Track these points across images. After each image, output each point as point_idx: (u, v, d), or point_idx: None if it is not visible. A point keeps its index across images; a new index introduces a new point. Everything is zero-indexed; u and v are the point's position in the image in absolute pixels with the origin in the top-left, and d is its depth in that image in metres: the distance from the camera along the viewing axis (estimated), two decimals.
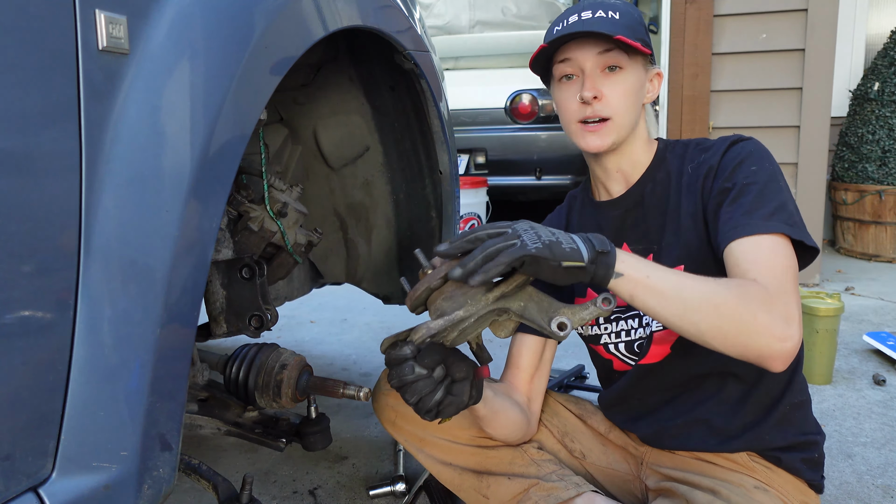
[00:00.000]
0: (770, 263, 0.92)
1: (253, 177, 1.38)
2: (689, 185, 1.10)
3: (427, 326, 0.87)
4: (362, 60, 1.46)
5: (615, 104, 1.07)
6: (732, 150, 1.06)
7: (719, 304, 0.86)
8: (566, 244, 0.83)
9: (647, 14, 9.62)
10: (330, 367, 2.43)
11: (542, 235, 0.83)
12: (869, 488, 1.54)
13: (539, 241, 0.81)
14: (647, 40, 1.08)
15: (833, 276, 3.59)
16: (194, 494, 1.56)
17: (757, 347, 0.86)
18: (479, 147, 4.32)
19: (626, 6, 1.09)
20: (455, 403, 0.92)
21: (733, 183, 1.02)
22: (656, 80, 1.14)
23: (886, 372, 2.22)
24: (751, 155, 1.04)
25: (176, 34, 0.75)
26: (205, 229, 0.78)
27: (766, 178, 1.01)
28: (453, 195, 1.60)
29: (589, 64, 1.07)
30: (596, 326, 1.19)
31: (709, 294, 0.87)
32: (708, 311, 0.86)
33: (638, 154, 1.15)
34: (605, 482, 1.26)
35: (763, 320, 0.85)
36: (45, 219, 0.65)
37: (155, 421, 0.75)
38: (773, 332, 0.85)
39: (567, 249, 0.82)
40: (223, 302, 1.24)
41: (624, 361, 1.20)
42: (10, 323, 0.63)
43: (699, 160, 1.10)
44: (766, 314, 0.86)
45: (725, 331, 0.86)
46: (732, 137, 1.09)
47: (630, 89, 1.08)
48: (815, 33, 3.16)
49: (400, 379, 0.89)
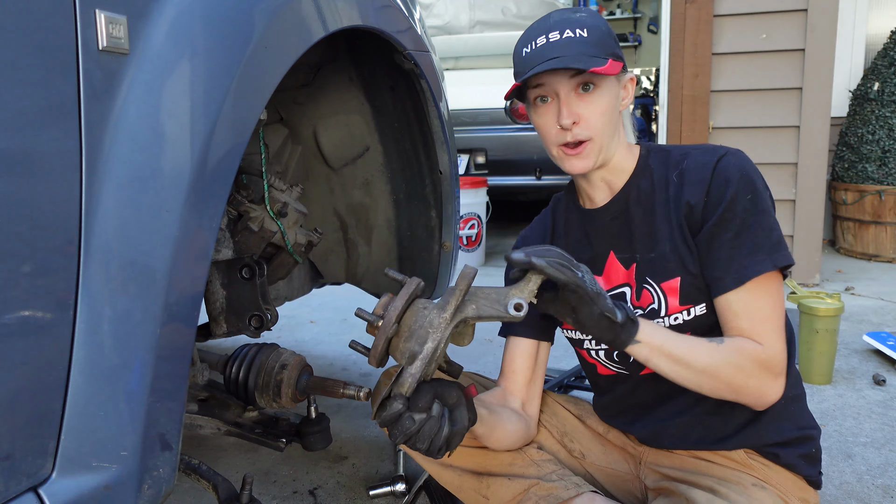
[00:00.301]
0: (763, 315, 1.03)
1: (253, 177, 1.38)
2: (676, 198, 1.09)
3: (409, 374, 0.89)
4: (362, 60, 1.46)
5: (594, 124, 1.07)
6: (720, 171, 1.05)
7: (719, 374, 1.01)
8: (605, 304, 0.95)
9: (647, 14, 9.64)
10: (330, 367, 2.43)
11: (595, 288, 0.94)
12: (869, 488, 1.54)
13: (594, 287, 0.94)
14: (617, 52, 1.08)
15: (833, 276, 3.59)
16: (194, 494, 1.56)
17: (745, 401, 1.05)
18: (479, 147, 4.32)
19: (593, 19, 1.08)
20: (459, 432, 0.94)
21: (733, 213, 1.03)
22: (629, 86, 1.14)
23: (886, 372, 2.22)
24: (740, 181, 1.03)
25: (176, 34, 0.75)
26: (205, 229, 0.78)
27: (762, 206, 1.03)
28: (453, 195, 1.60)
29: (563, 89, 1.06)
30: (578, 330, 1.20)
31: (711, 365, 1.00)
32: (710, 377, 1.01)
33: (620, 162, 1.14)
34: (604, 482, 1.26)
35: (753, 385, 1.02)
36: (45, 219, 0.65)
37: (155, 421, 0.75)
38: (760, 392, 1.03)
39: (610, 304, 0.95)
40: (223, 302, 1.24)
41: (606, 366, 1.20)
42: (10, 323, 0.63)
43: (683, 167, 1.10)
44: (756, 380, 1.02)
45: (721, 391, 1.03)
46: (717, 151, 1.07)
47: (606, 107, 1.07)
48: (815, 33, 3.16)
49: (405, 433, 0.90)
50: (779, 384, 1.03)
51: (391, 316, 0.90)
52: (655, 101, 8.13)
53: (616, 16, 9.81)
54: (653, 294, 1.10)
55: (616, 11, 9.87)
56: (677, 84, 3.41)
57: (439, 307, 0.91)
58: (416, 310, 0.92)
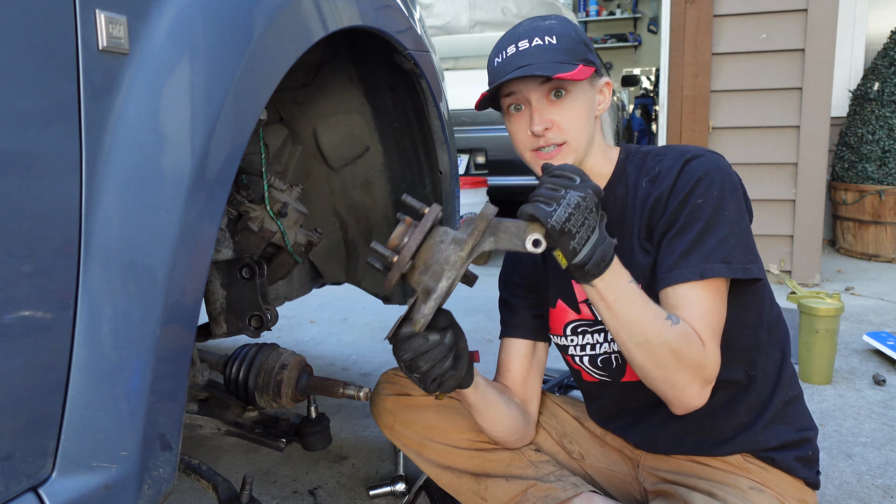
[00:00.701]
0: (707, 318, 1.00)
1: (253, 177, 1.38)
2: (643, 202, 1.09)
3: (422, 315, 0.89)
4: (362, 60, 1.46)
5: (567, 128, 1.07)
6: (684, 173, 1.05)
7: (657, 354, 0.96)
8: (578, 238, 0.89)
9: (647, 14, 9.64)
10: (330, 367, 2.43)
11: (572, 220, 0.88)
12: (869, 488, 1.54)
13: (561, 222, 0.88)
14: (589, 58, 1.07)
15: (833, 276, 3.59)
16: (194, 494, 1.56)
17: (666, 397, 1.01)
18: (479, 147, 4.32)
19: (563, 26, 1.08)
20: (455, 377, 0.96)
21: (678, 215, 1.03)
22: (606, 90, 1.13)
23: (886, 372, 2.22)
24: (700, 182, 1.03)
25: (176, 34, 0.75)
26: (205, 229, 0.78)
27: (710, 211, 1.01)
28: (453, 195, 1.60)
29: (534, 96, 1.06)
30: (563, 337, 1.19)
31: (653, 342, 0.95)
32: (644, 353, 0.97)
33: (597, 166, 1.14)
34: (603, 483, 1.26)
35: (681, 381, 0.98)
36: (45, 219, 0.65)
37: (155, 421, 0.75)
38: (685, 393, 0.99)
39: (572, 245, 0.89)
40: (223, 302, 1.24)
41: (589, 373, 1.20)
42: (10, 323, 0.63)
43: (654, 172, 1.09)
44: (687, 376, 0.98)
45: (649, 372, 0.99)
46: (687, 154, 1.07)
47: (579, 111, 1.07)
48: (815, 33, 3.16)
49: (414, 350, 0.91)
50: (705, 393, 1.00)
51: (405, 255, 0.90)
52: (655, 101, 8.14)
53: (616, 16, 9.81)
54: None
55: (616, 11, 9.87)
56: (677, 84, 3.41)
57: (456, 243, 0.90)
58: (432, 243, 0.92)
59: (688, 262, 1.00)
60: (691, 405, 1.00)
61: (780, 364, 1.13)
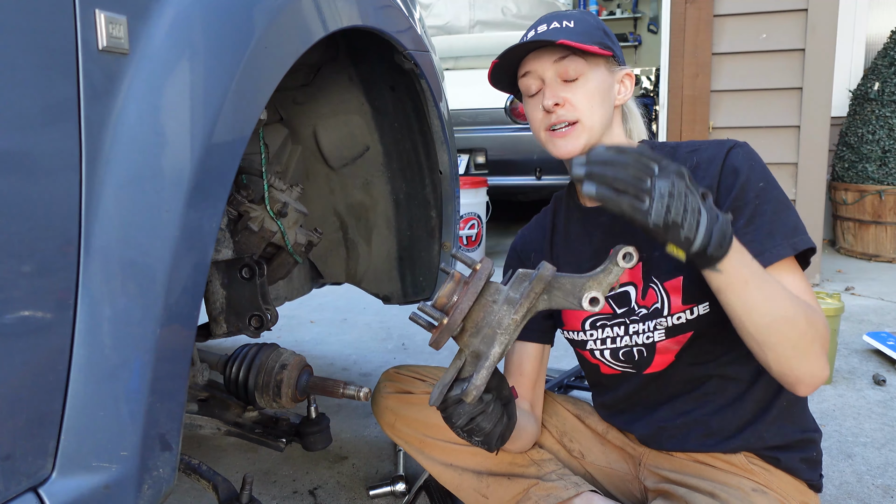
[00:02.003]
0: (803, 290, 0.97)
1: (253, 177, 1.38)
2: None
3: (474, 386, 0.84)
4: (362, 60, 1.46)
5: (580, 106, 1.06)
6: (729, 161, 1.04)
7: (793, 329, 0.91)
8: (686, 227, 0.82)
9: (647, 14, 9.64)
10: (330, 367, 2.43)
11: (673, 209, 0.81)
12: (869, 488, 1.54)
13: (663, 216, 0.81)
14: (606, 43, 1.08)
15: (833, 276, 3.59)
16: (194, 494, 1.56)
17: (799, 374, 0.94)
18: (479, 147, 4.32)
19: (583, 14, 1.10)
20: (510, 425, 0.95)
21: (743, 201, 1.01)
22: (627, 81, 1.12)
23: (886, 372, 2.22)
24: (753, 169, 1.03)
25: (176, 34, 0.75)
26: (205, 229, 0.78)
27: (775, 193, 1.02)
28: (453, 195, 1.60)
29: (548, 73, 1.07)
30: (581, 332, 1.19)
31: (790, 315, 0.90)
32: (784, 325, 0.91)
33: None
34: (604, 482, 1.26)
35: (814, 353, 0.93)
36: (45, 219, 0.65)
37: (155, 421, 0.75)
38: (819, 368, 0.93)
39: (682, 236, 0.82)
40: (223, 302, 1.24)
41: (611, 366, 1.20)
42: (10, 323, 0.63)
43: (691, 164, 1.08)
44: (819, 347, 0.93)
45: (783, 346, 0.92)
46: (726, 144, 1.06)
47: (593, 91, 1.07)
48: (815, 33, 3.16)
49: (470, 414, 0.89)
50: (827, 373, 0.96)
51: (457, 318, 0.85)
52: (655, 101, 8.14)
53: (616, 16, 9.81)
54: (657, 293, 1.09)
55: (616, 11, 9.87)
56: (677, 84, 3.41)
57: (510, 304, 0.86)
58: (484, 303, 0.87)
59: (775, 242, 0.98)
60: (822, 377, 0.95)
61: None
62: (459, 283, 0.89)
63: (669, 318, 1.08)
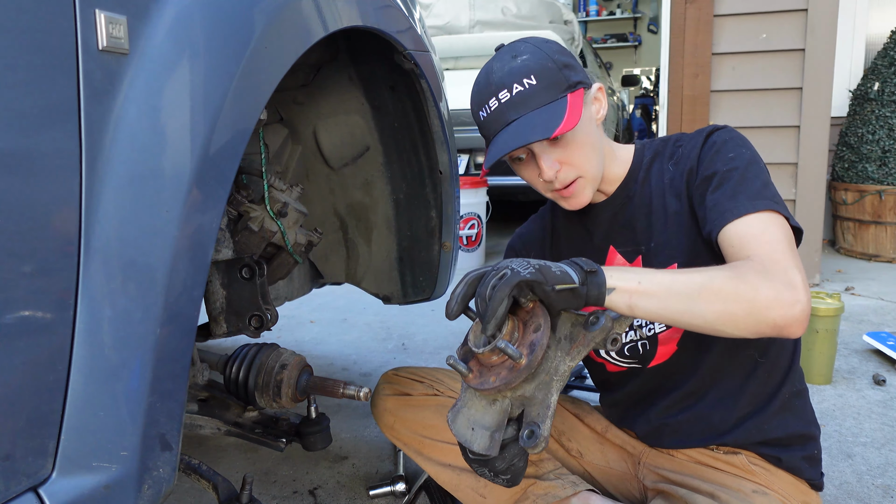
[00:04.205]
0: (764, 238, 0.92)
1: (253, 177, 1.38)
2: (673, 182, 1.10)
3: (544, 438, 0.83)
4: (362, 60, 1.46)
5: (576, 163, 1.06)
6: (709, 141, 1.07)
7: (718, 290, 0.85)
8: (555, 268, 0.85)
9: (647, 14, 9.64)
10: (330, 367, 2.43)
11: (532, 263, 0.85)
12: (869, 488, 1.54)
13: (530, 266, 0.83)
14: (574, 79, 1.03)
15: (833, 276, 3.58)
16: (194, 494, 1.56)
17: (770, 319, 0.86)
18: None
19: (536, 56, 1.03)
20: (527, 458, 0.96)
21: (714, 171, 1.03)
22: (600, 96, 1.11)
23: (886, 372, 2.22)
24: (726, 143, 1.05)
25: (176, 34, 0.75)
26: (205, 229, 0.78)
27: (745, 162, 1.02)
28: (453, 195, 1.60)
29: (536, 146, 1.05)
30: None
31: (705, 282, 0.86)
32: (709, 298, 0.85)
33: (611, 172, 1.15)
34: (602, 481, 1.26)
35: (766, 292, 0.85)
36: (45, 219, 0.65)
37: (155, 421, 0.75)
38: (780, 300, 0.85)
39: (557, 273, 0.84)
40: (223, 302, 1.24)
41: (616, 364, 1.20)
42: (10, 323, 0.63)
43: (678, 154, 1.11)
44: (766, 285, 0.85)
45: (733, 313, 0.85)
46: (708, 128, 1.10)
47: (583, 143, 1.05)
48: (815, 33, 3.16)
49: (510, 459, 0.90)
50: (798, 294, 0.86)
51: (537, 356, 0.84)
52: (655, 101, 8.14)
53: (616, 16, 9.81)
54: None
55: (616, 11, 9.87)
56: (677, 84, 3.41)
57: (564, 351, 0.86)
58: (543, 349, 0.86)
59: (737, 203, 0.97)
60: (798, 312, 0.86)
61: (792, 355, 1.13)
62: (514, 321, 0.88)
63: None
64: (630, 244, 1.15)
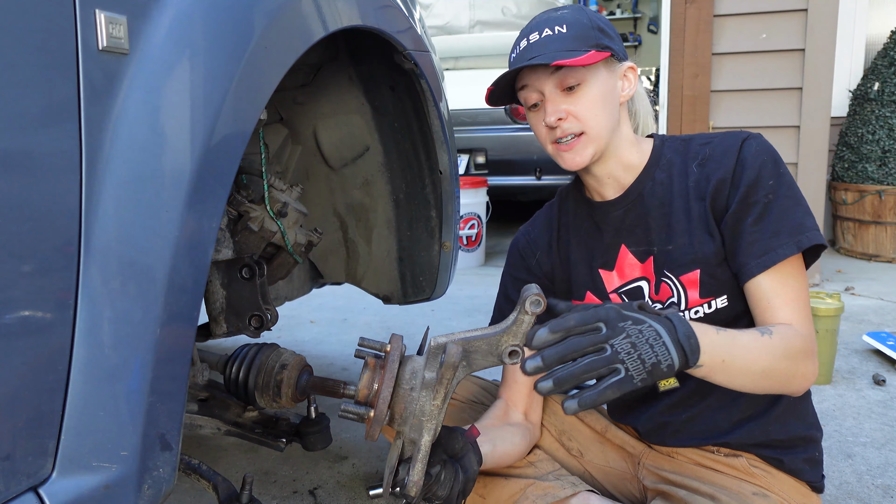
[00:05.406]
0: (796, 296, 1.01)
1: (253, 177, 1.38)
2: (698, 186, 1.07)
3: (413, 483, 0.87)
4: (362, 60, 1.46)
5: (583, 117, 1.04)
6: (744, 152, 1.04)
7: (775, 372, 0.96)
8: (664, 361, 0.81)
9: (647, 14, 9.64)
10: (330, 367, 2.43)
11: (644, 357, 0.80)
12: (869, 488, 1.54)
13: (643, 368, 0.80)
14: (602, 43, 1.04)
15: (833, 276, 3.58)
16: (194, 494, 1.56)
17: (793, 390, 1.00)
18: (479, 147, 4.32)
19: (575, 13, 1.06)
20: (471, 478, 0.96)
21: (755, 199, 1.02)
22: (630, 75, 1.10)
23: (886, 372, 2.22)
24: (765, 165, 1.03)
25: (176, 34, 0.75)
26: (205, 229, 0.78)
27: (784, 190, 1.02)
28: (453, 195, 1.60)
29: (547, 86, 1.05)
30: None
31: (767, 368, 0.95)
32: (765, 378, 0.95)
33: (627, 156, 1.12)
34: (602, 480, 1.26)
35: (801, 372, 0.98)
36: (45, 219, 0.65)
37: (155, 421, 0.74)
38: (808, 379, 0.99)
39: (665, 369, 0.81)
40: (223, 302, 1.24)
41: None
42: (10, 323, 0.63)
43: (703, 155, 1.08)
44: (803, 366, 0.97)
45: (772, 387, 0.98)
46: (741, 135, 1.07)
47: (595, 98, 1.04)
48: (815, 33, 3.16)
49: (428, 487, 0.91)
50: (816, 365, 1.00)
51: (382, 408, 0.87)
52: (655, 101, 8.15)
53: (616, 16, 9.81)
54: (672, 287, 1.09)
55: (616, 11, 9.87)
56: (677, 84, 3.41)
57: (427, 388, 0.87)
58: (402, 393, 0.89)
59: (780, 241, 1.00)
60: (810, 383, 1.01)
61: None
62: (375, 368, 0.91)
63: (687, 312, 1.08)
64: (643, 244, 1.12)
